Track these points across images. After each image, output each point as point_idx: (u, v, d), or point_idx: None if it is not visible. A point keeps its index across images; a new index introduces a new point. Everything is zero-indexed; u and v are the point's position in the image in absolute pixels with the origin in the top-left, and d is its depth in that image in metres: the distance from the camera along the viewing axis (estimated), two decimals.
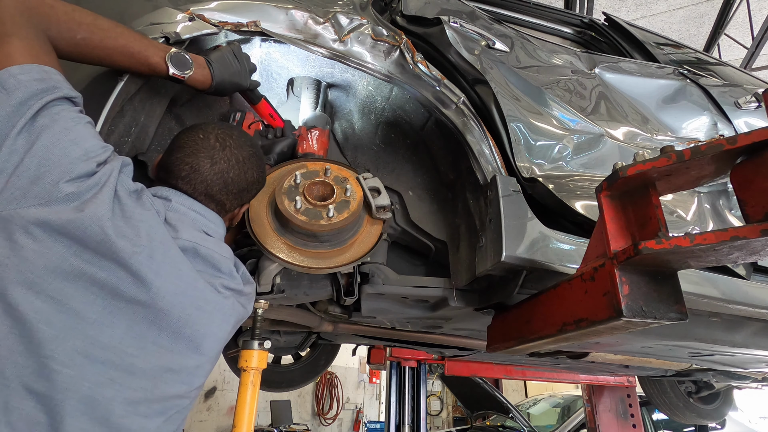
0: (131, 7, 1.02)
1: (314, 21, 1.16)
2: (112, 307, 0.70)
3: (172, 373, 0.77)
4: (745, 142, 0.64)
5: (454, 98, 1.23)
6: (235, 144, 0.93)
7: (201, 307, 0.80)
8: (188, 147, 0.90)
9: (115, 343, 0.70)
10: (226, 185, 0.91)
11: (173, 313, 0.76)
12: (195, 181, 0.88)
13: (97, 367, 0.68)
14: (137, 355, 0.72)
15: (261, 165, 1.00)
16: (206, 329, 0.81)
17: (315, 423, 8.68)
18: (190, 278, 0.79)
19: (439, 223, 1.42)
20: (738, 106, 1.76)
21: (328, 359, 3.67)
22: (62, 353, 0.66)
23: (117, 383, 0.70)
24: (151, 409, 0.74)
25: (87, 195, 0.70)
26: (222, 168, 0.90)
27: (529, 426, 4.81)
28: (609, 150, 1.40)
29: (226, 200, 0.93)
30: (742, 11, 5.75)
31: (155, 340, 0.74)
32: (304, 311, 1.58)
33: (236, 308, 0.89)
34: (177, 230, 0.82)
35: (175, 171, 0.89)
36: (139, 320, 0.73)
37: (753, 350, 1.72)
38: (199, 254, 0.84)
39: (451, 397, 10.46)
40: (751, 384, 3.25)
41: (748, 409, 5.18)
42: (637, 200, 0.82)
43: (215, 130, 0.93)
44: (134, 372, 0.72)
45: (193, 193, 0.89)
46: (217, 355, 0.88)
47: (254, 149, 0.98)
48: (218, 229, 0.93)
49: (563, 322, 0.97)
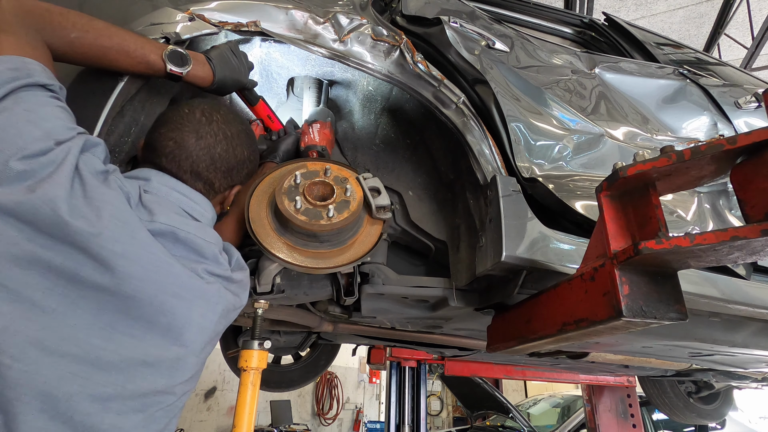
0: (131, 7, 1.02)
1: (314, 21, 1.16)
2: (74, 295, 0.65)
3: (148, 366, 0.70)
4: (745, 142, 0.64)
5: (454, 98, 1.23)
6: (223, 119, 0.90)
7: (178, 294, 0.74)
8: (172, 122, 0.86)
9: (79, 334, 0.65)
10: (214, 162, 0.87)
11: (144, 300, 0.70)
12: (180, 157, 0.84)
13: (56, 361, 0.63)
14: (105, 347, 0.66)
15: (251, 143, 0.96)
16: (186, 318, 0.74)
17: (315, 423, 8.69)
18: (164, 263, 0.73)
19: (439, 223, 1.42)
20: (738, 106, 1.76)
21: (328, 359, 3.67)
22: (13, 346, 0.60)
23: (81, 378, 0.64)
24: (126, 406, 0.68)
25: (41, 174, 0.65)
26: (208, 143, 0.86)
27: (529, 426, 4.81)
28: (609, 150, 1.40)
29: (214, 179, 0.88)
30: (742, 11, 5.75)
31: (126, 330, 0.68)
32: (304, 311, 1.58)
33: (223, 295, 0.82)
34: (153, 213, 0.76)
35: (159, 147, 0.85)
36: (107, 309, 0.67)
37: (753, 350, 1.72)
38: (178, 238, 0.77)
39: (451, 397, 10.47)
40: (751, 384, 3.25)
41: (748, 409, 5.19)
42: (637, 200, 0.82)
43: (201, 104, 0.90)
44: (102, 366, 0.66)
45: (177, 172, 0.85)
46: (204, 348, 0.80)
47: (244, 126, 0.94)
48: (205, 212, 0.88)
49: (563, 322, 0.97)
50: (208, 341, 0.81)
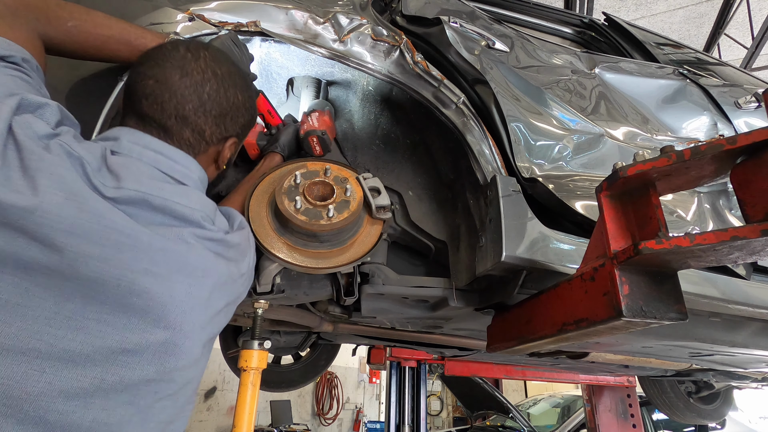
0: (131, 7, 1.02)
1: (314, 21, 1.16)
2: (26, 284, 0.57)
3: (129, 354, 0.62)
4: (745, 142, 0.64)
5: (454, 98, 1.23)
6: (212, 56, 0.79)
7: (149, 271, 0.64)
8: (153, 58, 0.76)
9: (39, 326, 0.57)
10: (203, 103, 0.76)
11: (109, 281, 0.61)
12: (162, 97, 0.73)
13: (15, 358, 0.55)
14: (73, 338, 0.59)
15: (247, 87, 0.85)
16: (165, 297, 0.65)
17: (315, 423, 8.69)
18: (127, 237, 0.63)
19: (439, 223, 1.42)
20: (738, 106, 1.76)
21: (328, 359, 3.67)
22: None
23: (48, 374, 0.57)
24: (112, 400, 0.61)
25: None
26: (195, 80, 0.75)
27: (529, 426, 4.81)
28: (609, 150, 1.40)
29: (204, 124, 0.77)
30: (742, 11, 5.75)
31: (95, 317, 0.60)
32: (304, 311, 1.58)
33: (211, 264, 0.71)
34: (119, 178, 0.66)
35: (138, 89, 0.74)
36: (69, 295, 0.59)
37: (753, 350, 1.72)
38: (152, 205, 0.67)
39: (451, 397, 10.47)
40: (751, 384, 3.25)
41: (748, 409, 5.19)
42: (637, 200, 0.82)
43: (187, 41, 0.81)
44: (72, 359, 0.58)
45: (161, 117, 0.74)
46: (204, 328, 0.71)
47: (236, 67, 0.84)
48: (189, 172, 0.76)
49: (563, 322, 0.97)
50: (207, 321, 0.71)
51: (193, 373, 0.71)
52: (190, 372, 0.70)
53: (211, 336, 0.75)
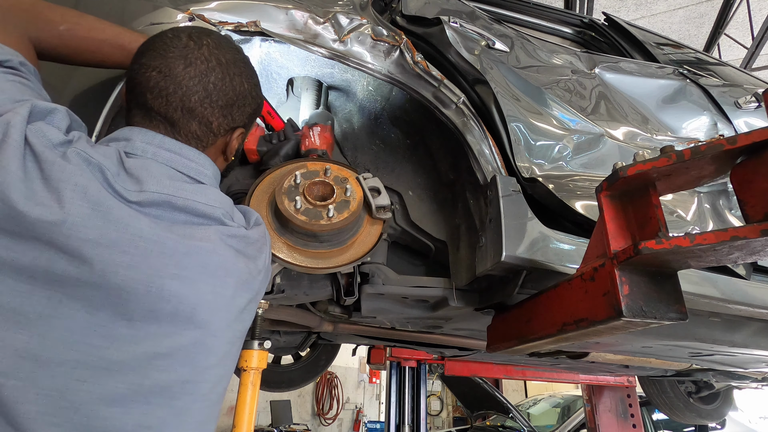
0: (131, 7, 1.02)
1: (314, 21, 1.16)
2: (59, 296, 0.57)
3: (163, 357, 0.63)
4: (745, 142, 0.64)
5: (454, 98, 1.23)
6: (215, 43, 0.76)
7: (178, 275, 0.64)
8: (154, 49, 0.73)
9: (75, 337, 0.58)
10: (208, 93, 0.74)
11: (138, 288, 0.61)
12: (167, 90, 0.71)
13: (54, 370, 0.56)
14: (108, 346, 0.59)
15: (252, 75, 0.83)
16: (194, 298, 0.65)
17: (315, 423, 8.69)
18: (153, 243, 0.63)
19: (439, 223, 1.42)
20: (738, 106, 1.76)
21: (328, 359, 3.67)
22: (1, 362, 0.55)
23: (88, 383, 0.58)
24: (150, 403, 0.62)
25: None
26: (200, 70, 0.73)
27: (529, 426, 4.82)
28: (609, 150, 1.40)
29: (211, 115, 0.75)
30: (742, 11, 5.75)
31: (127, 324, 0.61)
32: (304, 311, 1.58)
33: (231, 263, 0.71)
34: (140, 181, 0.66)
35: (141, 82, 0.72)
36: (99, 305, 0.59)
37: (753, 350, 1.72)
38: (175, 206, 0.67)
39: (451, 397, 10.47)
40: (751, 384, 3.25)
41: (748, 409, 5.19)
42: (637, 200, 0.82)
43: (188, 29, 0.77)
44: (109, 366, 0.59)
45: (167, 110, 0.72)
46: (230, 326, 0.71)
47: (240, 54, 0.81)
48: (204, 170, 0.76)
49: (563, 322, 0.97)
50: (233, 319, 0.72)
51: (223, 370, 0.72)
52: (220, 370, 0.71)
53: (237, 334, 0.75)
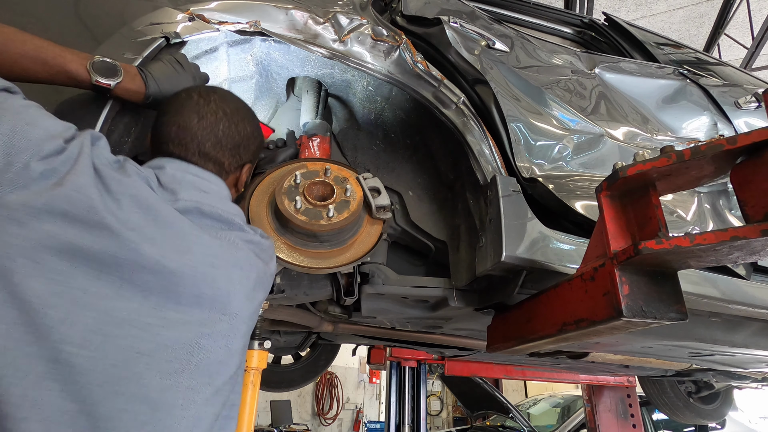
0: (131, 7, 1.02)
1: (314, 21, 1.16)
2: (121, 281, 0.68)
3: (207, 337, 0.74)
4: (745, 142, 0.64)
5: (454, 98, 1.23)
6: (220, 98, 0.92)
7: (214, 264, 0.77)
8: (173, 108, 0.89)
9: (134, 316, 0.68)
10: (219, 140, 0.89)
11: (186, 273, 0.73)
12: (185, 139, 0.87)
13: (119, 343, 0.66)
14: (162, 324, 0.70)
15: (253, 119, 0.98)
16: (228, 286, 0.78)
17: (315, 423, 8.69)
18: (195, 237, 0.76)
19: (439, 223, 1.42)
20: (738, 106, 1.76)
21: (328, 359, 3.68)
22: (74, 335, 0.63)
23: (146, 356, 0.67)
24: (195, 381, 0.71)
25: (63, 170, 0.66)
26: (210, 121, 0.89)
27: (529, 426, 4.82)
28: (609, 150, 1.40)
29: (222, 158, 0.90)
30: (742, 11, 5.75)
31: (176, 306, 0.72)
32: (304, 311, 1.58)
33: (254, 262, 0.85)
34: (175, 193, 0.80)
35: (164, 134, 0.87)
36: (153, 289, 0.70)
37: (753, 350, 1.72)
38: (204, 213, 0.81)
39: (451, 397, 10.47)
40: (751, 384, 3.25)
41: (748, 409, 5.18)
42: (637, 200, 0.82)
43: (198, 89, 0.93)
44: (164, 342, 0.69)
45: (186, 155, 0.87)
46: (250, 316, 0.84)
47: (241, 103, 0.97)
48: (220, 191, 0.89)
49: (563, 322, 0.97)
50: (253, 311, 0.85)
51: (242, 357, 0.83)
52: (242, 356, 0.82)
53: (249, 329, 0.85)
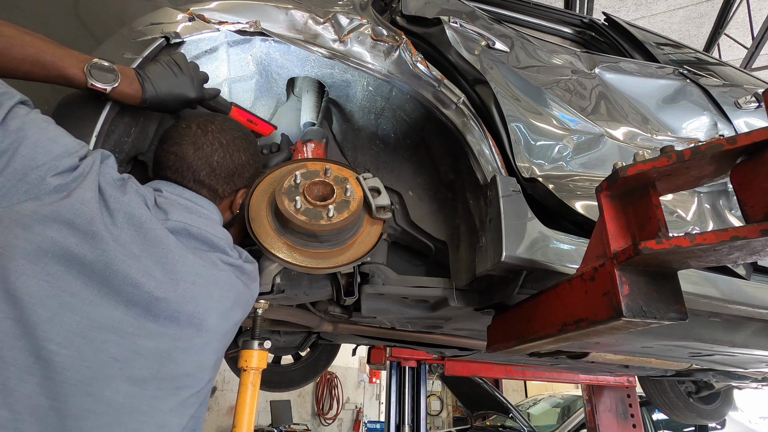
0: (131, 7, 1.02)
1: (314, 21, 1.16)
2: (108, 290, 0.73)
3: (180, 351, 0.78)
4: (745, 142, 0.64)
5: (454, 98, 1.23)
6: (218, 129, 0.96)
7: (196, 282, 0.82)
8: (172, 138, 0.93)
9: (115, 324, 0.72)
10: (213, 169, 0.94)
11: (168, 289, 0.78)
12: (181, 168, 0.92)
13: (98, 347, 0.70)
14: (139, 334, 0.74)
15: (249, 147, 1.01)
16: (206, 303, 0.83)
17: (315, 423, 8.68)
18: (178, 255, 0.81)
19: (439, 223, 1.42)
20: (738, 106, 1.76)
21: (328, 359, 3.67)
22: (58, 334, 0.67)
23: (119, 362, 0.72)
24: (162, 390, 0.76)
25: (72, 185, 0.72)
26: (206, 152, 0.93)
27: (529, 426, 4.81)
28: (609, 150, 1.40)
29: (216, 185, 0.95)
30: (742, 11, 5.75)
31: (155, 319, 0.76)
32: (304, 311, 1.58)
33: (234, 283, 0.90)
34: (167, 213, 0.85)
35: (163, 162, 0.93)
36: (137, 301, 0.75)
37: (753, 350, 1.72)
38: (191, 234, 0.86)
39: (451, 397, 10.47)
40: (751, 384, 3.25)
41: (748, 409, 5.18)
42: (637, 200, 0.82)
43: (198, 119, 0.96)
44: (138, 351, 0.74)
45: (182, 182, 0.92)
46: (224, 334, 0.88)
47: (239, 132, 1.00)
48: (212, 215, 0.94)
49: (563, 322, 0.97)
50: (228, 329, 0.89)
51: (212, 374, 0.87)
52: (211, 372, 0.86)
53: (224, 346, 0.90)
